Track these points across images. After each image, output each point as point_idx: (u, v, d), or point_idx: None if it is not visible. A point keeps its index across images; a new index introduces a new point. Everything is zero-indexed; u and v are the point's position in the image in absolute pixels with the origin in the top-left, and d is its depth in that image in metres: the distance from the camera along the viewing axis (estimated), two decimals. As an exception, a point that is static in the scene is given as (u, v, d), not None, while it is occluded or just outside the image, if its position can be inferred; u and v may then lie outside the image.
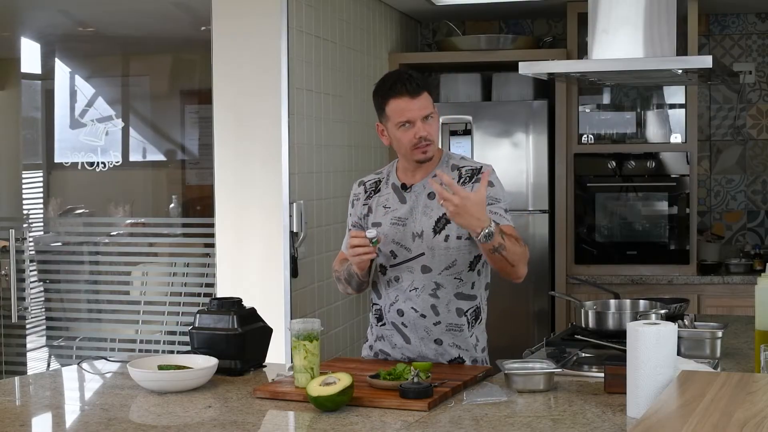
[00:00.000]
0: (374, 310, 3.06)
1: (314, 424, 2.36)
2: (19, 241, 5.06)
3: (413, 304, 2.92)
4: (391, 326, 2.98)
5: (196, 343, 2.91)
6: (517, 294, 5.46)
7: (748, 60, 5.76)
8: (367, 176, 3.11)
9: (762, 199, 5.80)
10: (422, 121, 2.86)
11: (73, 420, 2.53)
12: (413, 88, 2.85)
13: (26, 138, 5.42)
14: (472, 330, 2.96)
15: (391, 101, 2.87)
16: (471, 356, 2.97)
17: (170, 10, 5.14)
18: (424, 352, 2.95)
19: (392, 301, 2.96)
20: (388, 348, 3.02)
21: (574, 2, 5.41)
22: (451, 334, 2.93)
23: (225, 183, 4.20)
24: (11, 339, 5.24)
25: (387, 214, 2.96)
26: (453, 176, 2.91)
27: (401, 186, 2.98)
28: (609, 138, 5.58)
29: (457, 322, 2.93)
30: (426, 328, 2.93)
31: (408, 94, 2.84)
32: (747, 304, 3.77)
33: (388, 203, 2.98)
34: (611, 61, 3.54)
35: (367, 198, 3.04)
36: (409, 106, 2.85)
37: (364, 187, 3.08)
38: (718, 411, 1.97)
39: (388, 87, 2.88)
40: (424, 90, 2.87)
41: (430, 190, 2.91)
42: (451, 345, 2.94)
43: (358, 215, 3.07)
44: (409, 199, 2.95)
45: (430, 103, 2.88)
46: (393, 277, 2.95)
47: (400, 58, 5.60)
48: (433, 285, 2.90)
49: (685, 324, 3.12)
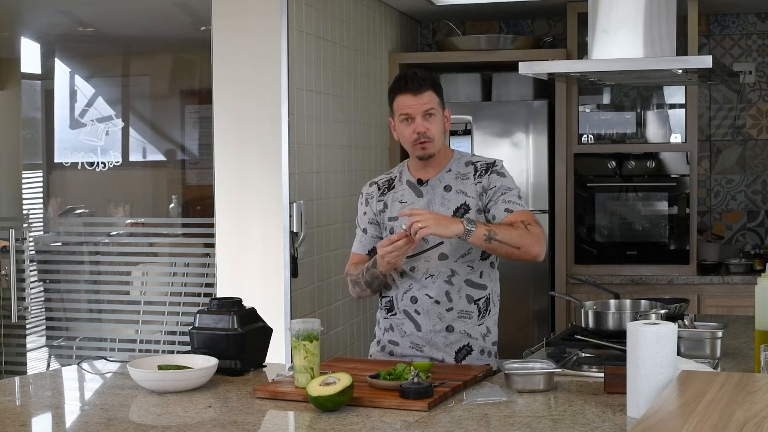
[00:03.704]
0: (383, 303, 3.12)
1: (314, 424, 2.36)
2: (19, 241, 5.06)
3: (428, 291, 3.02)
4: (402, 314, 3.06)
5: (196, 343, 2.91)
6: (517, 294, 5.46)
7: (748, 60, 5.76)
8: (378, 177, 3.21)
9: (762, 199, 5.80)
10: (422, 118, 2.98)
11: (73, 420, 2.53)
12: (416, 85, 2.98)
13: (26, 138, 5.42)
14: (482, 320, 3.06)
15: (397, 97, 3.02)
16: (480, 346, 3.05)
17: (170, 10, 5.14)
18: (434, 340, 3.03)
19: (405, 289, 3.05)
20: (398, 337, 3.08)
21: (574, 2, 5.41)
22: (462, 321, 3.02)
23: (225, 183, 4.20)
24: (11, 339, 5.24)
25: (404, 209, 3.03)
26: (468, 171, 3.06)
27: (417, 181, 3.09)
28: (609, 138, 5.58)
29: (467, 309, 3.03)
30: (439, 314, 3.01)
31: (411, 91, 2.98)
32: (747, 304, 3.78)
33: (404, 198, 3.08)
34: (611, 61, 3.54)
35: (381, 195, 3.13)
36: (410, 101, 2.98)
37: (377, 185, 3.17)
38: (718, 411, 1.97)
39: (396, 83, 3.05)
40: (429, 89, 3.00)
41: (445, 183, 3.05)
42: (462, 332, 3.02)
43: (373, 212, 3.14)
44: (426, 193, 3.06)
45: (433, 100, 3.00)
46: (408, 268, 3.04)
47: (400, 58, 5.60)
48: (449, 272, 3.01)
49: (685, 324, 3.12)
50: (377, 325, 3.19)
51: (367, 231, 3.15)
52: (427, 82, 2.99)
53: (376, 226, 3.14)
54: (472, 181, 3.04)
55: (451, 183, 3.05)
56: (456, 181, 3.04)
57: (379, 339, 3.15)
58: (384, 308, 3.13)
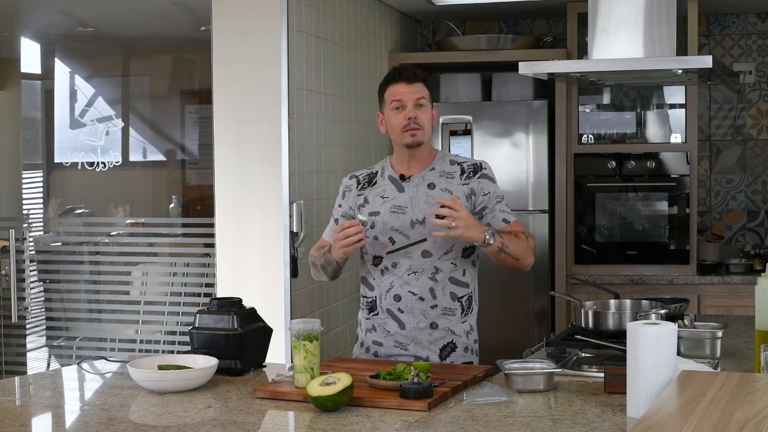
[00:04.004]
0: (365, 303, 3.15)
1: (314, 424, 2.36)
2: (19, 241, 5.06)
3: (411, 288, 3.04)
4: (385, 314, 3.08)
5: (196, 343, 2.91)
6: (517, 294, 5.47)
7: (748, 60, 5.76)
8: (359, 171, 3.25)
9: (762, 199, 5.80)
10: (414, 105, 3.04)
11: (73, 420, 2.53)
12: (409, 75, 3.08)
13: (26, 138, 5.42)
14: (465, 317, 3.09)
15: (389, 87, 3.10)
16: (464, 343, 3.09)
17: (170, 10, 5.14)
18: (419, 338, 3.05)
19: (387, 287, 3.06)
20: (381, 337, 3.09)
21: (574, 2, 5.41)
22: (446, 318, 3.05)
23: (225, 183, 4.20)
24: (11, 339, 5.24)
25: (385, 203, 3.08)
26: (454, 170, 3.08)
27: (399, 177, 3.11)
28: (609, 138, 5.58)
29: (451, 306, 3.06)
30: (424, 311, 3.04)
31: (404, 80, 3.08)
32: (747, 304, 3.78)
33: (385, 193, 3.10)
34: (611, 61, 3.54)
35: (361, 189, 3.15)
36: (402, 89, 3.06)
37: (357, 179, 3.20)
38: (718, 411, 1.97)
39: (389, 75, 3.12)
40: (421, 81, 3.08)
41: (429, 181, 3.07)
42: (446, 329, 3.05)
43: (350, 205, 3.16)
44: (408, 189, 3.08)
45: (424, 91, 3.08)
46: (390, 264, 3.06)
47: (400, 58, 5.60)
48: (433, 269, 3.04)
49: (685, 324, 3.12)
50: (359, 327, 3.20)
51: (339, 222, 3.16)
52: (419, 75, 3.08)
53: (348, 219, 3.14)
54: (458, 181, 3.06)
55: (435, 181, 3.07)
56: (440, 179, 3.07)
57: (362, 341, 3.16)
58: (366, 308, 3.14)
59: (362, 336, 3.17)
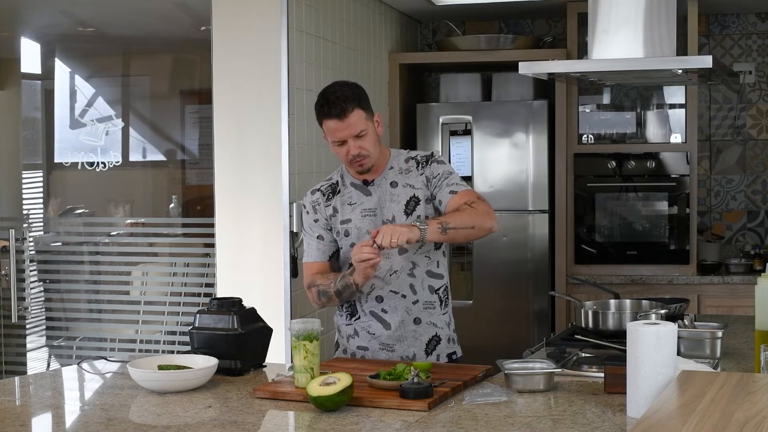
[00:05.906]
0: (344, 309, 3.13)
1: (314, 424, 2.36)
2: (19, 241, 5.06)
3: (392, 287, 3.05)
4: (368, 316, 3.08)
5: (196, 343, 2.91)
6: (517, 294, 5.47)
7: (748, 60, 5.76)
8: (319, 183, 3.19)
9: (762, 199, 5.80)
10: (354, 140, 2.97)
11: (73, 420, 2.53)
12: (339, 110, 2.94)
13: (26, 138, 5.42)
14: (445, 309, 3.13)
15: (324, 121, 3.00)
16: (446, 335, 3.12)
17: (170, 10, 5.14)
18: (404, 335, 3.06)
19: (368, 290, 3.06)
20: (365, 341, 3.09)
21: (574, 2, 5.41)
22: (427, 312, 3.08)
23: (225, 183, 4.20)
24: (11, 339, 5.24)
25: (355, 209, 3.08)
26: (410, 165, 3.09)
27: (363, 182, 3.10)
28: (609, 138, 5.58)
29: (430, 300, 3.08)
30: (407, 308, 3.06)
31: (336, 117, 2.96)
32: (747, 304, 3.78)
33: (352, 200, 3.10)
34: (611, 61, 3.54)
35: (328, 200, 3.13)
36: (338, 127, 2.97)
37: (321, 191, 3.16)
38: (718, 411, 1.97)
39: (319, 107, 3.00)
40: (354, 108, 2.95)
41: (390, 180, 3.08)
42: (429, 323, 3.08)
43: (324, 218, 3.12)
44: (374, 192, 3.08)
45: (361, 119, 2.97)
46: None
47: (400, 58, 5.60)
48: (410, 265, 3.05)
49: (685, 324, 3.12)
50: (338, 332, 3.18)
51: (324, 237, 3.12)
52: (349, 102, 2.94)
53: (330, 231, 3.12)
54: (416, 173, 3.07)
55: (396, 179, 3.08)
56: (400, 176, 3.08)
57: (345, 347, 3.15)
58: (345, 314, 3.13)
59: (344, 343, 3.16)
